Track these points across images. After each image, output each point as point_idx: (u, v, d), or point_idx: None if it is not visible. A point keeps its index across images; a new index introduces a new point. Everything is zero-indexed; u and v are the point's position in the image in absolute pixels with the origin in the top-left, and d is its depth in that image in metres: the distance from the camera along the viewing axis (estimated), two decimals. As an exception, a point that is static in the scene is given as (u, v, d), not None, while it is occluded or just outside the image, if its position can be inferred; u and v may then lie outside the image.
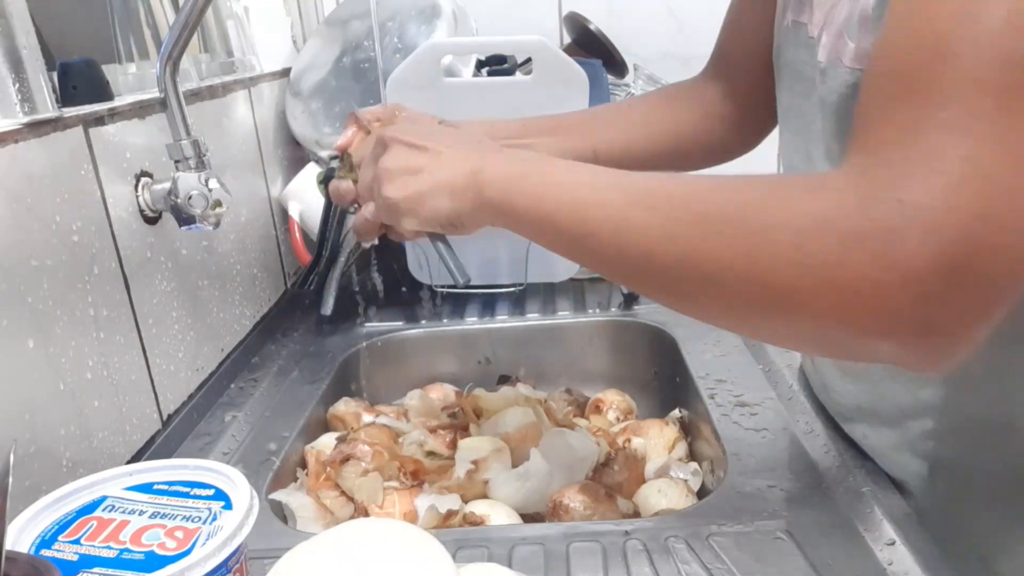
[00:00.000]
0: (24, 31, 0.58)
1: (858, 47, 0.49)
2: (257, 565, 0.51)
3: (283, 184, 1.11)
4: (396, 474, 0.73)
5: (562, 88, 0.92)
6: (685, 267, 0.43)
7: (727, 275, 0.42)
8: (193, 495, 0.47)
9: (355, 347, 0.97)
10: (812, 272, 0.38)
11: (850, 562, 0.54)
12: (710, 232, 0.42)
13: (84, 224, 0.63)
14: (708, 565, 0.55)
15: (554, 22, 1.45)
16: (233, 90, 0.96)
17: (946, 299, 0.35)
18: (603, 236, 0.47)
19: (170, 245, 0.77)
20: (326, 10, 1.38)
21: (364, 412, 0.86)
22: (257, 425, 0.79)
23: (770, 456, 0.67)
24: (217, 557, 0.41)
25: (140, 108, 0.73)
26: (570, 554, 0.57)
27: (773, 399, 0.77)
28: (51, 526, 0.44)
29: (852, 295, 0.37)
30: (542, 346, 1.01)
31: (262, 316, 1.00)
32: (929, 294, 0.35)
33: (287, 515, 0.69)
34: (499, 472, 0.73)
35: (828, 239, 0.37)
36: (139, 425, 0.70)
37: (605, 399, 0.89)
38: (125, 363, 0.68)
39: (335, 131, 1.06)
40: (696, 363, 0.86)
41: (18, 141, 0.56)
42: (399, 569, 0.45)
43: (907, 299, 0.35)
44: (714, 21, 0.77)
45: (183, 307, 0.79)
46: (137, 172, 0.72)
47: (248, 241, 0.97)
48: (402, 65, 0.93)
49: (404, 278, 1.07)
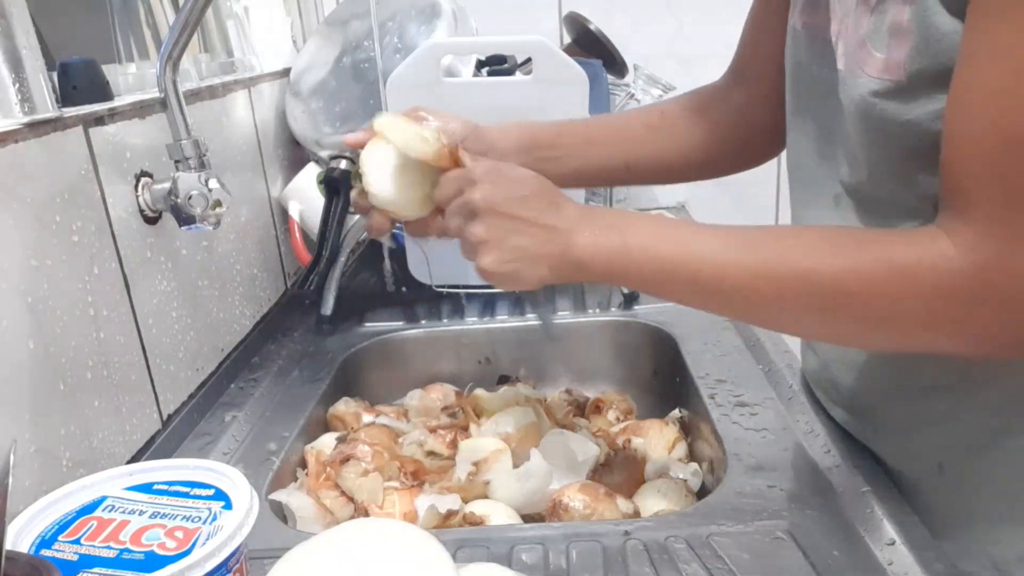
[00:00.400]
0: (24, 31, 0.58)
1: (888, 59, 0.49)
2: (257, 565, 0.51)
3: (283, 184, 1.11)
4: (396, 474, 0.73)
5: (562, 88, 0.92)
6: (817, 333, 0.59)
7: (859, 337, 0.55)
8: (193, 495, 0.47)
9: (355, 347, 0.97)
10: (943, 328, 0.48)
11: (850, 562, 0.54)
12: (840, 306, 0.50)
13: (84, 224, 0.63)
14: (708, 565, 0.55)
15: (554, 22, 1.45)
16: (233, 90, 0.96)
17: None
18: (729, 305, 0.57)
19: (170, 245, 0.77)
20: (326, 10, 1.38)
21: (364, 412, 0.86)
22: (257, 425, 0.79)
23: (770, 456, 0.67)
24: (217, 557, 0.41)
25: (140, 108, 0.73)
26: (570, 554, 0.57)
27: (773, 399, 0.77)
28: (51, 526, 0.44)
29: (977, 338, 0.48)
30: (542, 346, 1.01)
31: (262, 316, 1.00)
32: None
33: (287, 515, 0.69)
34: (499, 473, 0.73)
35: (955, 305, 0.47)
36: (139, 425, 0.70)
37: (605, 399, 0.89)
38: (125, 363, 0.68)
39: (335, 131, 1.06)
40: (696, 363, 0.85)
41: (18, 141, 0.56)
42: (399, 569, 0.45)
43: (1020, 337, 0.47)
44: (714, 21, 0.77)
45: (183, 307, 0.79)
46: (137, 172, 0.72)
47: (248, 241, 0.97)
48: (402, 65, 0.93)
49: (404, 278, 1.07)
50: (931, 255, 0.46)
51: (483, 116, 0.72)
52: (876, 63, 0.50)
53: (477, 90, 0.95)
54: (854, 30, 0.52)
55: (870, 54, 0.50)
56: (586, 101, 0.93)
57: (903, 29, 0.47)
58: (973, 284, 0.45)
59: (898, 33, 0.48)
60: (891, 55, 0.49)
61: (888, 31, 0.49)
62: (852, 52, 0.52)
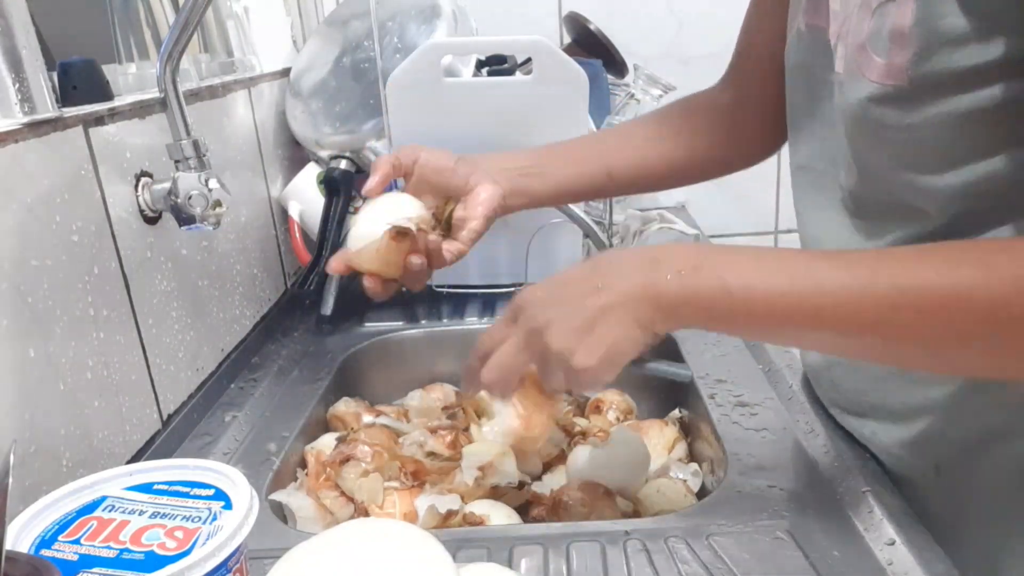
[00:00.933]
0: (24, 31, 0.58)
1: (889, 64, 0.48)
2: (257, 565, 0.51)
3: (283, 184, 1.11)
4: (397, 474, 0.73)
5: (562, 88, 0.92)
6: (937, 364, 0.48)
7: (975, 365, 0.47)
8: (193, 495, 0.47)
9: (355, 347, 0.97)
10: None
11: (850, 562, 0.54)
12: (964, 340, 0.44)
13: (84, 224, 0.63)
14: (708, 565, 0.55)
15: (554, 22, 1.45)
16: (233, 90, 0.96)
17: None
18: (863, 344, 0.49)
19: (170, 245, 0.77)
20: (326, 10, 1.38)
21: (364, 412, 0.86)
22: (257, 425, 0.79)
23: (770, 456, 0.67)
24: (217, 557, 0.41)
25: (140, 108, 0.73)
26: (570, 554, 0.57)
27: (773, 399, 0.77)
28: (51, 526, 0.44)
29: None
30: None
31: (262, 316, 1.00)
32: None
33: (287, 515, 0.69)
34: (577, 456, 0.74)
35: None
36: (139, 425, 0.70)
37: (605, 399, 0.89)
38: (125, 363, 0.68)
39: (335, 131, 1.06)
40: (696, 363, 0.85)
41: (18, 141, 0.56)
42: (399, 569, 0.45)
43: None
44: (714, 21, 0.77)
45: (183, 307, 0.79)
46: (137, 172, 0.72)
47: (248, 241, 0.97)
48: (402, 65, 0.93)
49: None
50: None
51: (483, 116, 0.72)
52: (877, 68, 0.49)
53: (477, 90, 0.95)
54: (855, 34, 0.52)
55: (871, 58, 0.50)
56: (586, 101, 0.93)
57: (905, 33, 0.47)
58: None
59: (900, 37, 0.47)
60: (892, 59, 0.48)
61: (889, 35, 0.48)
62: (852, 56, 0.52)
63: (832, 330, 0.47)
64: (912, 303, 0.43)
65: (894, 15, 0.47)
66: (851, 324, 0.46)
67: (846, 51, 0.53)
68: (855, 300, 0.45)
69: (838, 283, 0.46)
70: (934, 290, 0.43)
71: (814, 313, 0.46)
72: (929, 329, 0.44)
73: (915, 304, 0.43)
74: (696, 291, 0.49)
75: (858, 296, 0.45)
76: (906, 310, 0.44)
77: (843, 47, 0.54)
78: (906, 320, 0.44)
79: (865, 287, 0.45)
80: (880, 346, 0.48)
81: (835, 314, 0.46)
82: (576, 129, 0.91)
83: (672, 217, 1.27)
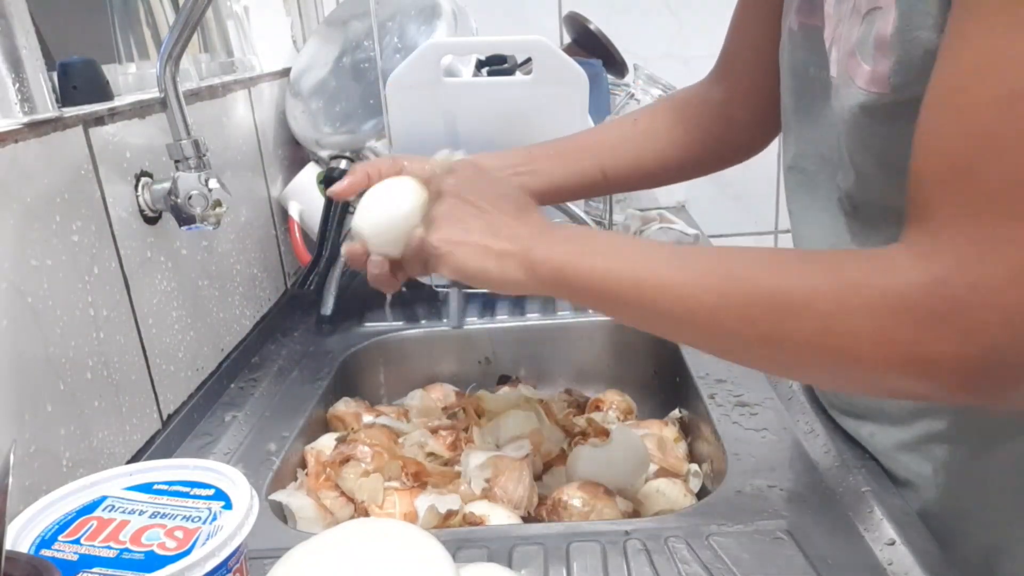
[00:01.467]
0: (24, 31, 0.58)
1: (874, 71, 0.48)
2: (257, 565, 0.51)
3: (283, 184, 1.11)
4: (398, 474, 0.73)
5: (562, 88, 0.92)
6: (762, 347, 0.47)
7: (805, 354, 0.45)
8: (193, 495, 0.47)
9: (355, 347, 0.97)
10: (894, 349, 0.41)
11: (850, 562, 0.54)
12: (787, 317, 0.44)
13: (84, 224, 0.63)
14: (708, 565, 0.55)
15: (554, 22, 1.45)
16: (233, 90, 0.96)
17: (1018, 363, 0.39)
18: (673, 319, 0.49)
19: (170, 245, 0.77)
20: (326, 10, 1.38)
21: (364, 412, 0.86)
22: (257, 425, 0.79)
23: (770, 456, 0.67)
24: (217, 557, 0.41)
25: (140, 108, 0.73)
26: (570, 554, 0.57)
27: (773, 399, 0.77)
28: (51, 526, 0.44)
29: (934, 365, 0.40)
30: (542, 346, 1.01)
31: (262, 316, 1.00)
32: (1004, 362, 0.39)
33: (287, 515, 0.69)
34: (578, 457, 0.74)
35: (906, 320, 0.40)
36: (139, 425, 0.70)
37: (605, 399, 0.89)
38: (125, 363, 0.68)
39: (335, 131, 1.06)
40: (696, 363, 0.85)
41: (18, 141, 0.56)
42: (399, 569, 0.45)
43: (985, 367, 0.40)
44: (714, 21, 0.77)
45: (183, 307, 0.79)
46: (137, 172, 0.72)
47: (248, 241, 0.97)
48: (402, 65, 0.93)
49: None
50: (883, 267, 0.42)
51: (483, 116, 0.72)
52: (864, 74, 0.49)
53: (477, 90, 0.95)
54: (846, 38, 0.52)
55: (859, 64, 0.50)
56: (586, 101, 0.93)
57: (887, 42, 0.47)
58: (930, 300, 0.40)
59: (882, 46, 0.47)
60: (876, 67, 0.48)
61: (874, 42, 0.48)
62: (844, 60, 0.52)
63: (642, 303, 0.50)
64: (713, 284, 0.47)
65: (879, 23, 0.47)
66: (661, 299, 0.49)
67: (839, 55, 0.53)
68: (670, 278, 0.48)
69: (658, 263, 0.50)
70: (731, 274, 0.47)
71: (633, 286, 0.50)
72: (727, 310, 0.46)
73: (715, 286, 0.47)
74: (555, 256, 0.53)
75: (673, 274, 0.48)
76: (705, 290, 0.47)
77: (836, 51, 0.54)
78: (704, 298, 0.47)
79: (681, 266, 0.49)
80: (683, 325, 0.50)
81: (648, 288, 0.49)
82: (576, 129, 0.91)
83: (672, 217, 1.27)
